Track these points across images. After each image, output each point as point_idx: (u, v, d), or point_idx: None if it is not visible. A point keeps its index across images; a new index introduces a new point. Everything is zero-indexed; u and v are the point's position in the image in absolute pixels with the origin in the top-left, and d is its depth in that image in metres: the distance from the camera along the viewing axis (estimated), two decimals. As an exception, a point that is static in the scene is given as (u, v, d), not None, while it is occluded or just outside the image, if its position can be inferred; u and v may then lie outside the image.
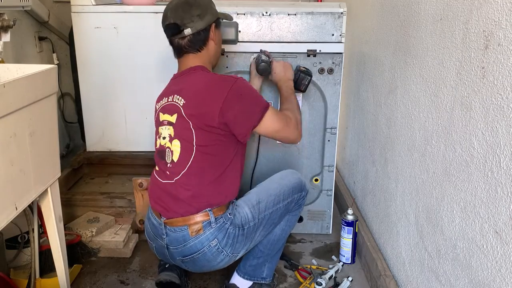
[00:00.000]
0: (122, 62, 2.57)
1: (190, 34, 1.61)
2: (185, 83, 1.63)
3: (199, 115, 1.54)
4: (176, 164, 1.59)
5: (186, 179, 1.57)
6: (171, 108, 1.61)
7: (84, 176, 2.69)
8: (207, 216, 1.55)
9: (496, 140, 1.05)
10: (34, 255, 1.66)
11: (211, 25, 1.65)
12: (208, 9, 1.65)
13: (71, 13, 2.49)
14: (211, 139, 1.55)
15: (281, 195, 1.69)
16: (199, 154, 1.56)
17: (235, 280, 1.79)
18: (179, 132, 1.58)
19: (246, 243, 1.64)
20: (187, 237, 1.56)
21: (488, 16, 1.08)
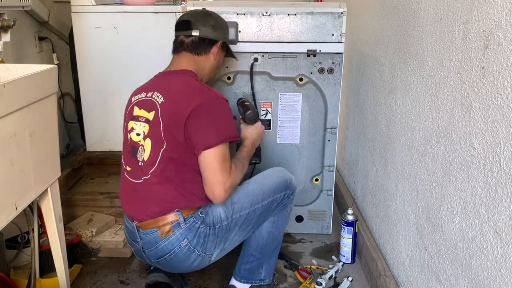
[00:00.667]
0: (122, 62, 2.57)
1: (196, 36, 1.64)
2: (169, 81, 1.61)
3: (171, 115, 1.51)
4: (147, 163, 1.54)
5: (155, 179, 1.53)
6: (149, 104, 1.57)
7: (84, 176, 2.69)
8: (176, 217, 1.52)
9: (496, 140, 1.05)
10: (34, 255, 1.66)
11: (218, 41, 1.69)
12: (223, 28, 1.73)
13: (71, 13, 2.49)
14: (177, 144, 1.51)
15: (260, 195, 1.62)
16: (167, 155, 1.51)
17: (233, 283, 1.79)
18: (152, 131, 1.54)
19: (219, 243, 1.59)
20: (157, 239, 1.54)
21: (488, 16, 1.08)
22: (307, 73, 2.04)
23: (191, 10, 1.77)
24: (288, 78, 2.05)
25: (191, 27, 1.64)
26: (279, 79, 2.05)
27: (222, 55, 1.76)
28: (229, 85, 2.07)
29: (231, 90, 2.07)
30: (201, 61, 1.67)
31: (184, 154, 1.52)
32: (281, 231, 1.74)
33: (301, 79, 2.05)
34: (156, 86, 1.61)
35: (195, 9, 1.77)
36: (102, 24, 2.51)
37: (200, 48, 1.66)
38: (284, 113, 2.09)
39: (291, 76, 2.05)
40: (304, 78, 2.04)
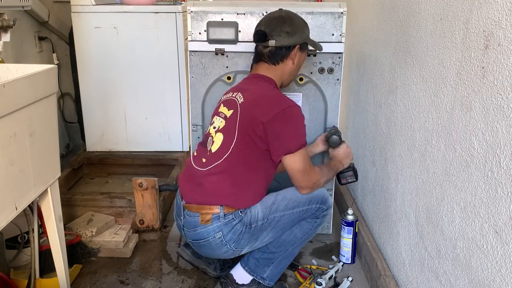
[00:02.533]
0: (122, 62, 2.57)
1: (273, 46, 1.69)
2: (250, 85, 1.72)
3: (248, 118, 1.62)
4: (213, 155, 1.67)
5: (216, 170, 1.65)
6: (231, 103, 1.70)
7: (84, 176, 2.70)
8: (217, 210, 1.63)
9: (496, 140, 1.05)
10: (34, 255, 1.66)
11: (295, 45, 1.71)
12: (299, 30, 1.72)
13: (71, 13, 2.50)
14: (248, 143, 1.62)
15: (297, 201, 1.68)
16: (234, 154, 1.63)
17: (236, 270, 1.79)
18: (227, 128, 1.67)
19: (251, 241, 1.67)
20: (197, 223, 1.65)
21: (488, 16, 1.08)
22: (307, 73, 2.04)
23: (267, 16, 1.78)
24: (288, 78, 2.05)
25: (267, 38, 1.69)
26: (279, 79, 2.05)
27: (302, 55, 1.79)
28: (229, 85, 2.06)
29: (231, 90, 2.07)
30: (279, 69, 1.74)
31: (251, 154, 1.64)
32: (303, 236, 1.75)
33: (301, 79, 2.05)
34: (240, 88, 1.74)
35: (271, 13, 1.77)
36: (102, 24, 2.51)
37: (277, 57, 1.71)
38: (284, 113, 2.09)
39: (291, 76, 2.04)
40: (304, 78, 2.04)
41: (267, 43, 1.69)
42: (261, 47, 1.72)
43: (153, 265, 2.01)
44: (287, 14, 1.74)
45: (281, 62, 1.73)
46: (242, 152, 1.63)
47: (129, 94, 2.63)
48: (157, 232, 2.23)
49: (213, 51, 2.01)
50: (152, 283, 1.89)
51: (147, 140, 2.71)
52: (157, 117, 2.67)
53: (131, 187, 2.17)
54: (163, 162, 2.67)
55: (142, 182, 2.12)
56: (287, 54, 1.72)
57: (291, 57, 1.73)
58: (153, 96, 2.63)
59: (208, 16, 1.98)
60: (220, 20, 1.98)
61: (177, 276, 1.93)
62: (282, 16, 1.73)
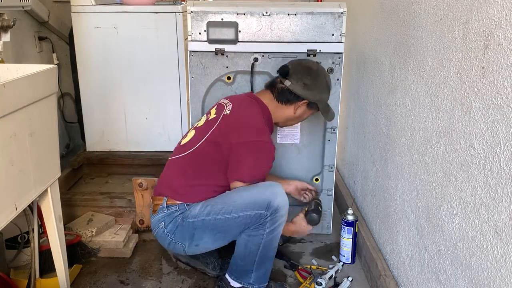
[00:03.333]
0: (122, 62, 2.57)
1: (285, 86, 1.75)
2: (244, 104, 1.77)
3: (223, 131, 1.69)
4: (180, 148, 1.79)
5: (176, 164, 1.77)
6: (219, 109, 1.78)
7: (84, 176, 2.69)
8: (161, 201, 1.73)
9: (496, 140, 1.05)
10: (34, 255, 1.66)
11: (304, 99, 1.76)
12: (317, 89, 1.77)
13: (71, 13, 2.49)
14: (211, 151, 1.69)
15: (231, 207, 1.62)
16: (195, 154, 1.72)
17: (227, 277, 1.78)
18: (201, 129, 1.76)
19: (186, 236, 1.68)
20: (151, 214, 1.78)
21: (488, 16, 1.08)
22: (307, 73, 2.03)
23: (302, 59, 1.88)
24: (288, 78, 2.05)
25: (286, 76, 1.75)
26: (279, 79, 2.05)
27: (306, 112, 1.82)
28: (229, 85, 2.07)
29: (231, 90, 2.07)
30: (280, 108, 1.79)
31: (209, 161, 1.70)
32: (259, 247, 1.65)
33: (301, 79, 2.04)
34: (234, 102, 1.78)
35: (307, 60, 1.87)
36: (102, 24, 2.51)
37: (284, 98, 1.77)
38: (284, 113, 2.09)
39: (291, 76, 2.04)
40: (304, 78, 2.04)
41: (284, 80, 1.76)
42: (278, 80, 1.79)
43: (153, 265, 2.01)
44: (317, 69, 1.80)
45: (284, 104, 1.78)
46: (202, 156, 1.70)
47: (129, 94, 2.62)
48: (157, 232, 2.23)
49: (213, 51, 2.01)
50: (152, 283, 1.89)
51: (147, 140, 2.71)
52: (157, 117, 2.67)
53: (131, 187, 2.17)
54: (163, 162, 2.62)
55: (142, 182, 2.12)
56: (293, 101, 1.77)
57: (295, 106, 1.78)
58: (153, 96, 2.63)
59: (208, 16, 1.98)
60: (220, 20, 1.98)
61: (177, 276, 1.93)
62: (311, 68, 1.79)
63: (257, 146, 1.65)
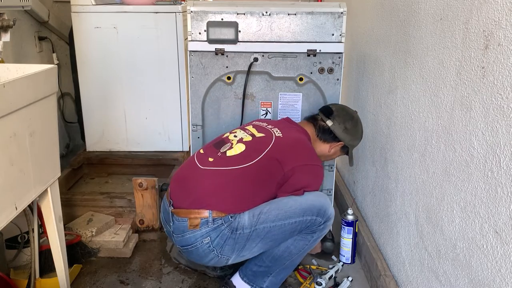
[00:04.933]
0: (122, 62, 2.57)
1: (326, 125, 1.84)
2: (293, 130, 1.82)
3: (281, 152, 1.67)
4: (226, 159, 1.67)
5: (221, 175, 1.64)
6: (263, 130, 1.77)
7: (84, 176, 2.70)
8: (206, 214, 1.59)
9: (496, 140, 1.05)
10: (34, 255, 1.66)
11: (341, 142, 1.87)
12: (353, 136, 1.88)
13: (71, 13, 2.49)
14: (267, 170, 1.65)
15: (288, 213, 1.61)
16: (250, 171, 1.63)
17: (236, 278, 1.77)
18: (252, 144, 1.70)
19: (236, 249, 1.61)
20: (185, 228, 1.62)
21: (488, 16, 1.08)
22: (307, 73, 2.04)
23: (344, 106, 1.96)
24: (288, 78, 2.05)
25: (329, 117, 1.85)
26: (279, 79, 2.05)
27: (338, 153, 1.93)
28: (229, 85, 2.07)
29: (231, 90, 2.07)
30: (318, 143, 1.86)
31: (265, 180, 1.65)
32: (299, 251, 1.69)
33: (301, 79, 2.05)
34: (279, 125, 1.82)
35: (348, 108, 1.95)
36: (102, 24, 2.51)
37: (324, 135, 1.86)
38: (284, 113, 2.09)
39: (291, 76, 2.05)
40: (304, 78, 2.04)
41: (326, 119, 1.85)
42: (320, 116, 1.87)
43: (153, 265, 2.01)
44: (357, 118, 1.92)
45: (322, 141, 1.86)
46: (259, 172, 1.64)
47: (129, 94, 2.62)
48: (157, 232, 2.23)
49: (213, 51, 2.01)
50: (152, 283, 1.89)
51: (147, 140, 2.71)
52: (157, 117, 2.67)
53: (131, 187, 2.17)
54: (163, 162, 2.67)
55: (142, 182, 2.12)
56: (330, 140, 1.86)
57: (332, 145, 1.87)
58: (153, 96, 2.63)
59: (208, 16, 1.98)
60: (220, 20, 1.98)
61: (177, 276, 1.93)
62: (353, 116, 1.91)
63: (316, 170, 1.72)
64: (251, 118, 2.06)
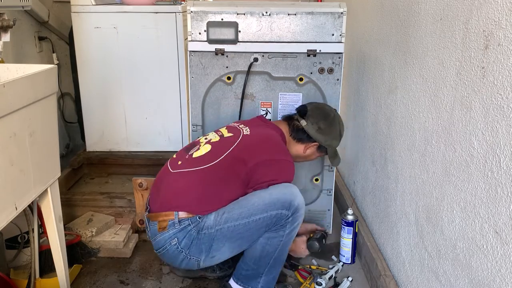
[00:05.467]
0: (122, 62, 2.57)
1: (300, 125, 1.83)
2: (262, 127, 1.81)
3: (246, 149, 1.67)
4: (192, 160, 1.69)
5: (187, 176, 1.65)
6: (233, 130, 1.78)
7: (84, 176, 2.69)
8: (172, 216, 1.60)
9: (496, 140, 1.05)
10: (34, 255, 1.66)
11: (316, 143, 1.84)
12: (329, 136, 1.85)
13: (71, 13, 2.49)
14: (231, 168, 1.64)
15: (252, 210, 1.59)
16: (214, 169, 1.64)
17: (232, 282, 1.77)
18: (218, 144, 1.71)
19: (203, 250, 1.60)
20: (156, 232, 1.64)
21: (488, 16, 1.08)
22: (307, 73, 2.04)
23: (321, 104, 1.95)
24: (288, 78, 2.05)
25: (303, 116, 1.83)
26: (279, 79, 2.05)
27: (315, 153, 1.90)
28: (229, 85, 2.07)
29: (231, 90, 2.07)
30: (293, 143, 1.85)
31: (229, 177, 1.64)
32: (277, 249, 1.66)
33: (301, 79, 2.05)
34: (250, 123, 1.82)
35: (326, 105, 1.93)
36: (102, 24, 2.51)
37: (298, 135, 1.84)
38: (284, 113, 2.09)
39: (291, 76, 2.05)
40: (304, 78, 2.04)
41: (300, 119, 1.83)
42: (295, 116, 1.86)
43: (153, 265, 2.01)
44: (334, 117, 1.88)
45: (296, 141, 1.84)
46: (225, 170, 1.64)
47: (129, 94, 2.62)
48: (157, 232, 2.23)
49: (213, 51, 2.01)
50: (152, 283, 1.89)
51: (147, 140, 2.71)
52: (157, 117, 2.67)
53: (131, 187, 2.17)
54: (163, 162, 2.62)
55: (142, 182, 2.12)
56: (305, 141, 1.84)
57: (306, 146, 1.85)
58: (153, 96, 2.63)
59: (208, 16, 1.98)
60: (220, 20, 1.98)
61: (177, 276, 1.93)
62: (329, 114, 1.87)
63: (283, 165, 1.70)
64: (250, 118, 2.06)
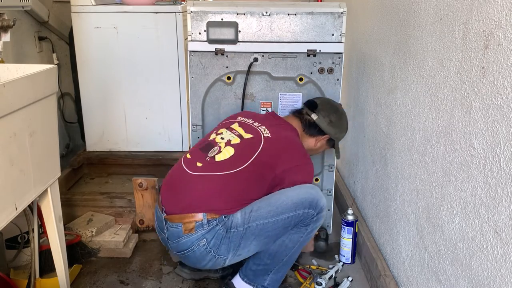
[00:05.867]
0: (122, 62, 2.57)
1: (312, 119, 1.85)
2: (281, 128, 1.81)
3: (273, 154, 1.68)
4: (215, 164, 1.65)
5: (214, 183, 1.62)
6: (251, 130, 1.75)
7: (84, 176, 2.70)
8: (200, 217, 1.58)
9: (496, 140, 1.05)
10: (34, 255, 1.66)
11: (327, 135, 1.88)
12: (338, 128, 1.90)
13: (71, 13, 2.49)
14: (259, 174, 1.65)
15: (280, 208, 1.61)
16: (241, 175, 1.62)
17: (236, 279, 1.77)
18: (241, 147, 1.68)
19: (232, 248, 1.61)
20: (180, 233, 1.61)
21: (488, 16, 1.08)
22: (307, 73, 2.04)
23: (328, 99, 1.97)
24: (288, 78, 2.05)
25: (314, 110, 1.86)
26: (279, 79, 2.05)
27: (325, 146, 1.95)
28: (229, 85, 2.07)
29: (231, 90, 2.07)
30: (304, 137, 1.88)
31: (256, 183, 1.65)
32: (295, 246, 1.69)
33: (301, 79, 2.05)
34: (266, 122, 1.80)
35: (331, 100, 1.96)
36: (102, 24, 2.51)
37: (310, 129, 1.87)
38: (284, 113, 2.09)
39: (291, 76, 2.05)
40: (304, 78, 2.04)
41: (311, 113, 1.86)
42: (305, 110, 1.88)
43: (153, 265, 2.01)
44: (342, 111, 1.95)
45: (308, 135, 1.87)
46: (250, 177, 1.63)
47: (129, 94, 2.62)
48: (157, 232, 2.23)
49: (213, 51, 2.01)
50: (152, 283, 1.89)
51: (147, 140, 2.71)
52: (157, 117, 2.67)
53: (131, 187, 2.17)
54: (163, 162, 2.67)
55: (142, 182, 2.12)
56: (316, 134, 1.87)
57: (318, 139, 1.88)
58: (153, 96, 2.63)
59: (208, 16, 1.98)
60: (220, 20, 1.98)
61: (177, 276, 1.93)
62: (338, 109, 1.93)
63: (308, 168, 1.73)
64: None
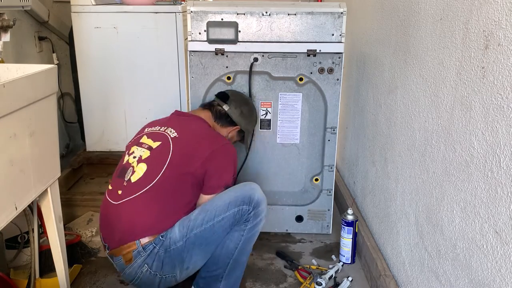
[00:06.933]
0: (122, 62, 2.57)
1: (224, 110, 1.88)
2: (185, 121, 1.79)
3: (184, 152, 1.64)
4: (132, 185, 1.61)
5: (134, 203, 1.59)
6: (158, 136, 1.70)
7: (84, 176, 2.69)
8: (134, 246, 1.57)
9: (496, 140, 1.05)
10: (34, 255, 1.66)
11: (237, 127, 1.91)
12: (248, 120, 1.95)
13: (71, 13, 2.49)
14: (179, 175, 1.61)
15: (214, 211, 1.59)
16: (160, 185, 1.59)
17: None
18: (152, 159, 1.64)
19: (176, 264, 1.59)
20: (123, 266, 1.61)
21: (488, 16, 1.08)
22: (307, 73, 2.04)
23: (240, 92, 2.01)
24: (288, 78, 2.05)
25: (226, 101, 1.89)
26: (279, 79, 2.05)
27: (235, 138, 1.97)
28: (229, 85, 2.07)
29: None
30: (216, 127, 1.88)
31: (180, 185, 1.62)
32: (238, 245, 1.63)
33: (301, 79, 2.05)
34: (171, 123, 1.77)
35: (241, 93, 2.02)
36: (102, 24, 2.51)
37: (221, 120, 1.88)
38: (284, 113, 2.09)
39: (291, 76, 2.05)
40: (304, 78, 2.04)
41: (223, 104, 1.88)
42: (217, 103, 1.90)
43: (153, 265, 2.01)
44: (252, 104, 2.01)
45: (220, 126, 1.88)
46: (169, 184, 1.60)
47: (129, 94, 2.62)
48: (157, 232, 2.23)
49: (213, 51, 2.01)
50: (152, 283, 1.89)
51: (147, 140, 2.71)
52: (157, 117, 2.66)
53: (131, 187, 2.17)
54: None
55: (142, 182, 2.12)
56: (228, 125, 1.89)
57: (228, 130, 1.90)
58: (153, 96, 2.63)
59: (208, 16, 1.98)
60: (220, 20, 1.98)
61: (177, 276, 1.93)
62: (248, 101, 1.99)
63: (224, 149, 1.71)
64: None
